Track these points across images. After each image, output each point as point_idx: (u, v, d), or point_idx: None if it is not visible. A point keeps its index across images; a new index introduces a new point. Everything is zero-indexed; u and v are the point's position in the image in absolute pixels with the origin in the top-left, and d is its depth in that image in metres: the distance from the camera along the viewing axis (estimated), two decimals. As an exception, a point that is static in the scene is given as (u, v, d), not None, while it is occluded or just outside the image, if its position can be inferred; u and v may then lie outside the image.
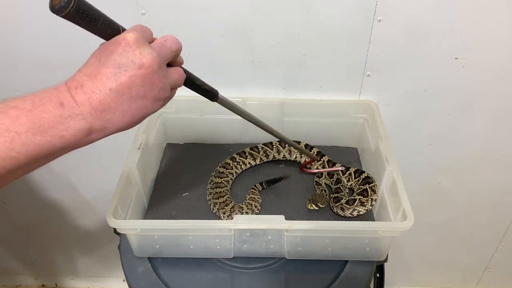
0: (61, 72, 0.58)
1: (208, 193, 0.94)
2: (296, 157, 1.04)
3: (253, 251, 0.82)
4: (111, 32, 0.49)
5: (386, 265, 0.89)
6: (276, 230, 0.77)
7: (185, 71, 0.59)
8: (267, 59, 1.00)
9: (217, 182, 0.94)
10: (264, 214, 0.90)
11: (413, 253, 1.51)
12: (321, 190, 0.95)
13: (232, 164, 0.99)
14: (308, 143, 1.05)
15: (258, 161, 1.03)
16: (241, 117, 0.78)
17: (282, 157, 1.05)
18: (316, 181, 0.97)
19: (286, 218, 0.75)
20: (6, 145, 0.42)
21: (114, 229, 0.83)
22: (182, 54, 1.03)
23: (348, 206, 0.88)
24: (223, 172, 0.97)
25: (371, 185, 0.91)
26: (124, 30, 0.50)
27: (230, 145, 1.08)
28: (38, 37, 0.97)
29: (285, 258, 0.83)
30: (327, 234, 0.77)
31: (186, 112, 1.06)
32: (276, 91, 1.06)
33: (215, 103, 0.70)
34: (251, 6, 0.91)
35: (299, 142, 1.03)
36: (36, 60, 1.01)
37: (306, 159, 1.03)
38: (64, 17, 0.44)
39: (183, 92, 1.05)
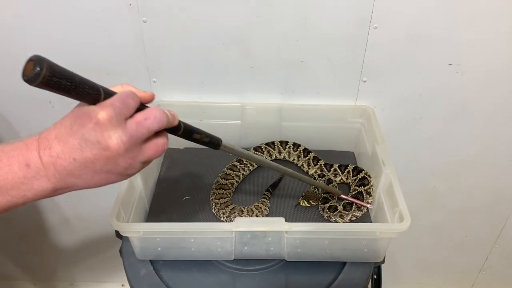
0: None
1: (211, 193, 0.96)
2: (293, 160, 1.06)
3: (254, 253, 0.83)
4: (90, 98, 0.47)
5: (381, 267, 0.91)
6: (276, 232, 0.78)
7: (181, 126, 0.57)
8: (266, 66, 1.02)
9: (222, 184, 0.96)
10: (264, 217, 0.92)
11: (408, 255, 1.52)
12: (314, 188, 0.98)
13: (240, 166, 1.01)
14: (306, 147, 1.07)
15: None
16: (257, 164, 0.78)
17: (283, 158, 1.07)
18: (314, 178, 1.00)
19: (286, 220, 0.77)
20: None
21: (116, 232, 0.84)
22: (182, 61, 1.06)
23: (346, 212, 0.90)
24: (229, 174, 0.99)
25: (366, 187, 0.93)
26: (106, 93, 0.48)
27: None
28: (40, 43, 0.99)
29: (285, 260, 0.84)
30: (326, 235, 0.79)
31: (186, 117, 1.05)
32: (274, 96, 1.08)
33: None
34: (251, 14, 0.93)
35: (299, 145, 1.06)
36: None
37: (303, 163, 1.05)
38: (37, 86, 0.43)
39: (183, 98, 1.08)
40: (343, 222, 0.91)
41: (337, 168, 1.01)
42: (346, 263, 0.84)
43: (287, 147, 1.06)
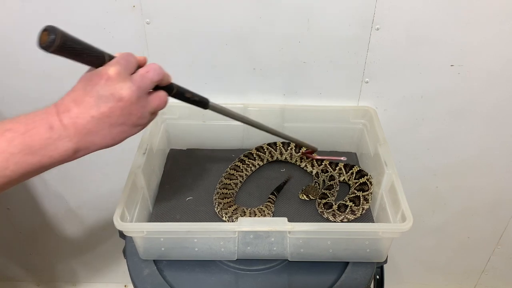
0: (67, 80, 0.60)
1: (215, 192, 0.96)
2: (296, 161, 1.07)
3: (257, 253, 0.83)
4: (96, 62, 0.54)
5: (384, 268, 0.91)
6: (279, 232, 0.79)
7: (173, 86, 0.63)
8: (269, 67, 1.03)
9: (226, 183, 0.97)
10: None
11: (410, 256, 1.53)
12: (315, 183, 0.99)
13: (242, 166, 1.02)
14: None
15: (264, 162, 1.06)
16: (241, 122, 0.81)
17: (284, 159, 1.08)
18: (317, 173, 1.01)
19: (289, 221, 0.77)
20: (1, 165, 0.49)
21: (120, 232, 0.85)
22: (185, 62, 1.06)
23: (340, 213, 0.90)
24: (233, 174, 0.99)
25: (365, 193, 0.93)
26: (110, 57, 0.54)
27: (232, 151, 1.10)
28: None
29: (287, 260, 0.85)
30: (329, 235, 0.79)
31: (188, 118, 1.08)
32: (277, 97, 1.08)
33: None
34: (254, 16, 0.93)
35: (301, 147, 1.06)
36: (42, 68, 1.03)
37: (307, 165, 1.05)
38: (52, 52, 0.48)
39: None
40: (334, 221, 0.91)
41: (342, 168, 1.01)
42: (348, 263, 0.85)
43: (289, 148, 1.07)
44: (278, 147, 1.07)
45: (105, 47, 1.01)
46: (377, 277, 0.95)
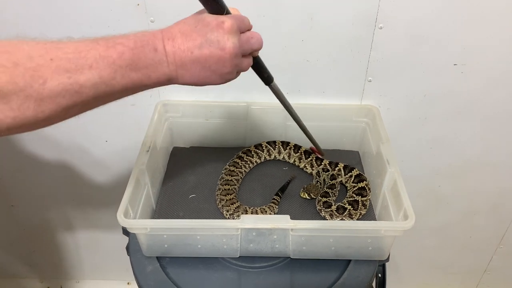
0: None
1: (217, 188, 0.97)
2: (294, 161, 1.07)
3: (259, 251, 0.84)
4: (217, 9, 0.57)
5: (386, 266, 0.91)
6: (282, 230, 0.79)
7: (258, 59, 0.69)
8: (272, 65, 1.02)
9: (227, 180, 0.97)
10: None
11: (412, 256, 1.53)
12: (317, 181, 0.99)
13: (241, 163, 1.02)
14: (307, 149, 1.08)
15: (262, 160, 1.07)
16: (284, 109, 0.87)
17: (282, 159, 1.08)
18: (318, 172, 1.01)
19: (291, 218, 0.77)
20: (111, 75, 0.51)
21: (123, 229, 0.85)
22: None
23: (337, 214, 0.90)
24: (233, 171, 1.00)
25: (364, 199, 0.93)
26: (227, 12, 0.58)
27: (235, 149, 1.11)
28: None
29: (290, 257, 0.85)
30: (331, 233, 0.80)
31: (192, 116, 1.09)
32: (280, 96, 1.08)
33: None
34: (257, 14, 0.94)
35: (300, 147, 1.07)
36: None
37: (306, 165, 1.05)
38: None
39: (189, 97, 1.09)
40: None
41: (341, 169, 1.01)
42: (350, 261, 0.85)
43: (287, 148, 1.07)
44: (277, 146, 1.07)
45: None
46: (379, 275, 0.95)
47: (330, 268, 0.84)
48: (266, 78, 0.76)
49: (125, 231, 0.87)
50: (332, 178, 0.99)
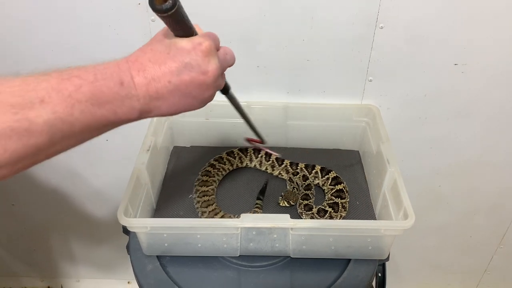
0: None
1: (195, 202, 0.95)
2: (266, 168, 1.05)
3: (259, 250, 0.84)
4: (188, 32, 0.53)
5: (386, 265, 0.91)
6: (282, 229, 0.79)
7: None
8: (272, 65, 1.03)
9: (204, 191, 0.95)
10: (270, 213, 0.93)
11: (412, 255, 1.53)
12: (293, 187, 0.98)
13: (213, 171, 1.00)
14: (311, 147, 1.09)
15: (234, 167, 1.05)
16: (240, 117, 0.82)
17: (253, 166, 1.07)
18: (290, 178, 1.01)
19: (291, 217, 0.77)
20: (67, 109, 0.44)
21: (124, 228, 0.85)
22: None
23: (318, 217, 0.90)
24: (207, 181, 0.97)
25: (343, 201, 0.93)
26: (194, 30, 0.54)
27: (235, 148, 1.11)
28: (49, 42, 1.00)
29: (290, 256, 0.85)
30: (331, 232, 0.80)
31: (192, 116, 1.08)
32: (280, 95, 1.09)
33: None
34: (258, 14, 0.94)
35: (270, 155, 1.04)
36: (47, 66, 1.04)
37: (281, 172, 1.04)
38: (168, 16, 0.48)
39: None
40: None
41: (318, 171, 1.01)
42: (350, 260, 0.85)
43: (259, 156, 1.05)
44: (248, 154, 1.06)
45: (110, 44, 1.02)
46: (379, 274, 0.96)
47: (330, 267, 0.84)
48: (225, 87, 0.69)
49: (125, 230, 0.87)
50: (305, 179, 0.99)
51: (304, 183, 0.98)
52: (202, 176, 0.99)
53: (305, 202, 0.93)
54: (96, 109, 0.46)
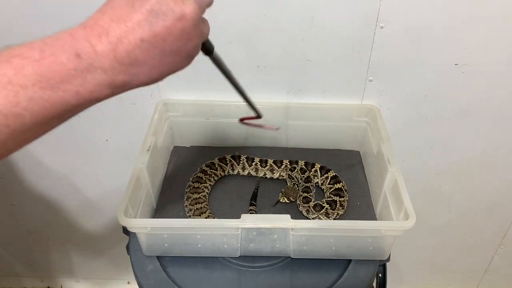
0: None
1: (187, 210, 0.93)
2: (265, 174, 1.04)
3: (260, 250, 0.84)
4: None
5: (386, 266, 0.91)
6: (282, 229, 0.79)
7: None
8: (272, 65, 1.03)
9: (196, 198, 0.94)
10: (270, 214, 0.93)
11: (413, 256, 1.53)
12: (294, 184, 0.98)
13: (205, 177, 0.99)
14: (311, 147, 1.09)
15: (226, 173, 1.04)
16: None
17: (247, 174, 1.05)
18: (289, 175, 1.00)
19: (292, 218, 0.77)
20: (8, 99, 0.36)
21: (124, 228, 0.85)
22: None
23: (314, 211, 0.90)
24: (198, 187, 0.96)
25: (341, 199, 0.93)
26: None
27: (235, 148, 1.11)
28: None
29: (290, 257, 0.85)
30: (332, 233, 0.80)
31: (192, 115, 1.09)
32: (281, 95, 1.08)
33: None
34: (258, 14, 0.94)
35: (267, 161, 1.03)
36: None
37: (281, 173, 1.04)
38: None
39: (190, 97, 1.09)
40: (307, 217, 0.92)
41: (318, 170, 1.01)
42: (351, 261, 0.85)
43: (253, 163, 1.04)
44: (241, 162, 1.04)
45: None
46: (380, 275, 0.95)
47: (330, 268, 0.84)
48: (208, 46, 0.59)
49: (125, 230, 0.87)
50: (303, 172, 0.98)
51: (304, 176, 0.97)
52: (193, 182, 0.98)
53: (304, 194, 0.93)
54: (50, 93, 0.38)
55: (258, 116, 0.84)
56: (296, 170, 1.00)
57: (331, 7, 0.92)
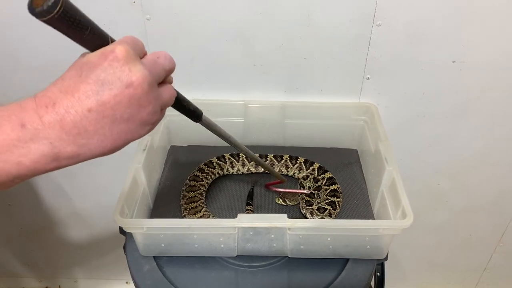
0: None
1: (183, 209, 0.93)
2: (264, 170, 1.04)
3: (256, 250, 0.83)
4: (98, 43, 0.43)
5: (384, 265, 0.91)
6: (279, 229, 0.78)
7: (177, 93, 0.53)
8: (269, 63, 1.02)
9: (191, 197, 0.93)
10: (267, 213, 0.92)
11: (412, 254, 1.52)
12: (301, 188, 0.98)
13: (202, 176, 0.98)
14: (309, 146, 1.07)
15: (225, 171, 1.04)
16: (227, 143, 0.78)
17: (247, 171, 1.04)
18: (300, 182, 1.00)
19: (289, 217, 0.77)
20: None
21: (120, 228, 0.85)
22: (185, 58, 1.06)
23: (318, 213, 0.90)
24: (194, 186, 0.96)
25: (338, 199, 0.93)
26: (113, 41, 0.44)
27: (232, 147, 1.10)
28: (43, 40, 0.99)
29: (287, 256, 0.85)
30: (329, 232, 0.79)
31: (189, 114, 1.08)
32: (278, 94, 1.08)
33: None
34: (254, 12, 0.93)
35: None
36: (45, 63, 1.03)
37: (281, 168, 1.04)
38: (46, 22, 0.38)
39: (186, 95, 1.08)
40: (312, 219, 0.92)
41: (316, 169, 1.01)
42: (349, 260, 0.84)
43: (252, 161, 1.03)
44: (240, 159, 1.04)
45: (104, 43, 0.99)
46: (378, 274, 0.95)
47: (328, 267, 0.84)
48: (193, 112, 0.60)
49: (122, 231, 0.87)
50: (316, 181, 0.98)
51: (316, 185, 0.97)
52: (189, 181, 0.97)
53: (307, 198, 0.93)
54: None
55: (281, 181, 0.91)
56: (309, 179, 0.99)
57: (328, 5, 0.92)
